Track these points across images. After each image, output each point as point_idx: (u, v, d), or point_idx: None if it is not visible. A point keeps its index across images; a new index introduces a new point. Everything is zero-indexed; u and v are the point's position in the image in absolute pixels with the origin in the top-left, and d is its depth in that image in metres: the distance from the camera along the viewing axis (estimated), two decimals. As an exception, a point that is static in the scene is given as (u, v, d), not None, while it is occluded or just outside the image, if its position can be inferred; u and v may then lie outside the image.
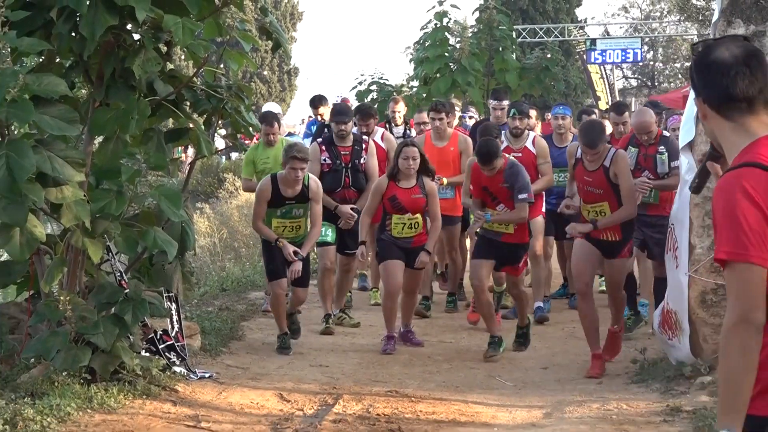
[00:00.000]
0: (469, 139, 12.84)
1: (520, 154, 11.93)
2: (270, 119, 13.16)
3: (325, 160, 11.14)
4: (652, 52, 32.68)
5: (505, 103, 13.55)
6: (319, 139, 12.12)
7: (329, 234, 11.33)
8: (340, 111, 11.89)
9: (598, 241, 9.26)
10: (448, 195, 12.28)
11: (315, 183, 9.78)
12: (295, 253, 9.67)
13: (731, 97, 3.01)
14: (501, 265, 10.06)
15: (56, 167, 7.95)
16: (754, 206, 3.04)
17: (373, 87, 23.01)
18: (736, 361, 3.01)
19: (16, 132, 8.35)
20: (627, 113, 12.35)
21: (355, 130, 12.79)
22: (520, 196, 9.51)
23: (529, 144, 12.31)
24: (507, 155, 10.01)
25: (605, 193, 9.25)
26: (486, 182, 9.75)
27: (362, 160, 11.90)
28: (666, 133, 11.33)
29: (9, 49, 8.01)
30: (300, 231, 9.88)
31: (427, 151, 11.41)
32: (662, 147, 10.26)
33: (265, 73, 43.05)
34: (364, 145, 12.07)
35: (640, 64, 31.67)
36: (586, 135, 9.20)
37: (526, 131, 12.50)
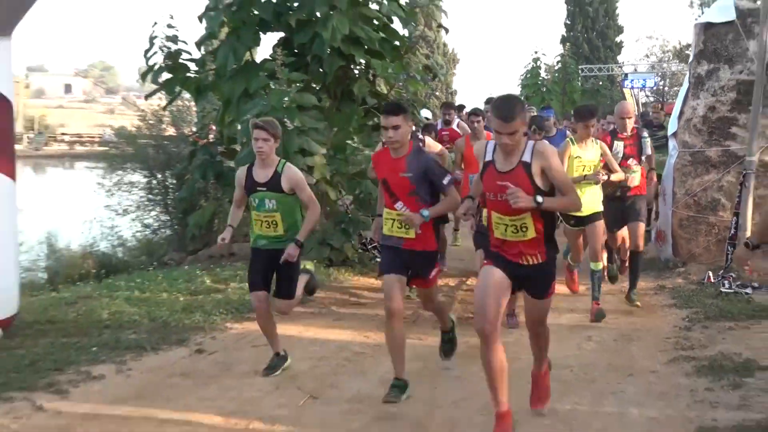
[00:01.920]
0: None
1: None
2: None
3: None
4: (663, 81, 43.46)
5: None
6: None
7: None
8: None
9: (516, 266, 5.71)
10: None
11: (290, 169, 7.08)
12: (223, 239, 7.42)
13: None
14: (410, 277, 6.88)
15: (310, 145, 11.71)
16: None
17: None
18: None
19: (289, 126, 11.25)
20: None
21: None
22: (445, 182, 6.54)
23: None
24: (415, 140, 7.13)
25: None
26: (385, 173, 6.74)
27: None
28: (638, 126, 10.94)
29: (285, 79, 11.85)
30: (278, 229, 7.08)
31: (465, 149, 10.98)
32: (645, 134, 10.04)
33: (438, 93, 53.73)
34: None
35: (654, 88, 43.81)
36: (499, 108, 5.59)
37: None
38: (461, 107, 18.90)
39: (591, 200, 8.94)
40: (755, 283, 10.59)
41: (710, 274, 11.18)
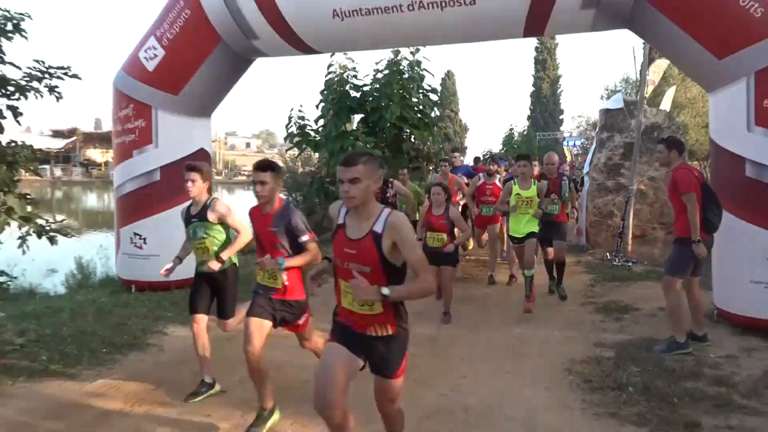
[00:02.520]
0: (460, 180, 10.43)
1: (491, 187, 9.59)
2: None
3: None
4: (587, 141, 41.77)
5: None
6: None
7: None
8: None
9: (364, 337, 3.27)
10: None
11: (218, 203, 4.94)
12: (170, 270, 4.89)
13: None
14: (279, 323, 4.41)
15: None
16: None
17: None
18: None
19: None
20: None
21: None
22: (304, 238, 4.26)
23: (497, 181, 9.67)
24: (282, 197, 4.53)
25: (374, 272, 3.15)
26: (256, 226, 4.47)
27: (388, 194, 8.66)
28: (561, 170, 8.94)
29: (364, 141, 12.04)
30: (208, 253, 4.88)
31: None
32: (564, 177, 8.00)
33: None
34: (390, 184, 8.67)
35: (581, 146, 40.26)
36: (345, 157, 3.23)
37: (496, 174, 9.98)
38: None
39: (528, 224, 7.66)
40: (633, 259, 10.60)
41: (607, 254, 11.12)
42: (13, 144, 5.72)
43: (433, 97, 13.77)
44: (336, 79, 12.76)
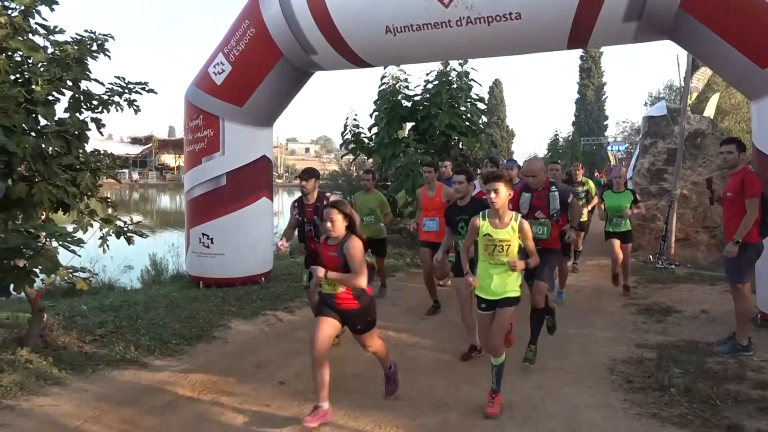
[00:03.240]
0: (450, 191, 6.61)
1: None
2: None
3: (295, 215, 6.02)
4: (631, 146, 40.43)
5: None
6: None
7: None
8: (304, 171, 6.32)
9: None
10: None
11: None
12: None
13: None
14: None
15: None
16: None
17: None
18: None
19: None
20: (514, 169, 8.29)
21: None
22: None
23: None
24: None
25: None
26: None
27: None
28: (551, 181, 5.83)
29: (414, 147, 11.84)
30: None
31: (423, 198, 7.13)
32: (554, 188, 5.51)
33: (502, 154, 53.34)
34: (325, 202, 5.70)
35: (625, 151, 39.65)
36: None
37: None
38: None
39: (503, 281, 4.43)
40: (676, 262, 10.25)
41: (650, 256, 10.78)
42: (96, 153, 5.92)
43: (481, 105, 13.67)
44: (389, 89, 12.83)
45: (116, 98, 5.80)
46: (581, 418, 4.29)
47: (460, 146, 13.17)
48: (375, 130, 13.12)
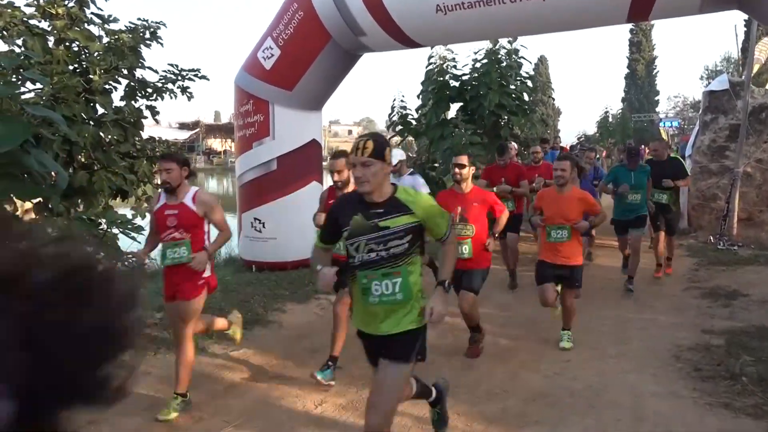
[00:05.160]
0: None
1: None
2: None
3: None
4: (684, 122, 38.41)
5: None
6: None
7: None
8: None
9: None
10: None
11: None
12: None
13: None
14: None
15: (476, 164, 12.36)
16: None
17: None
18: None
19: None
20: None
21: None
22: None
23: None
24: None
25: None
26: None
27: None
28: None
29: (463, 128, 11.78)
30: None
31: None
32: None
33: (549, 132, 51.81)
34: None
35: (678, 128, 37.00)
36: None
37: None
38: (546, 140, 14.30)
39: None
40: (739, 243, 9.83)
41: (711, 237, 10.33)
42: (151, 140, 6.02)
43: (530, 83, 13.31)
44: (436, 69, 12.59)
45: (170, 85, 5.86)
46: (647, 407, 4.15)
47: (510, 126, 12.89)
48: (422, 111, 12.93)
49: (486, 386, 4.55)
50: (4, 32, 5.01)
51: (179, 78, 5.84)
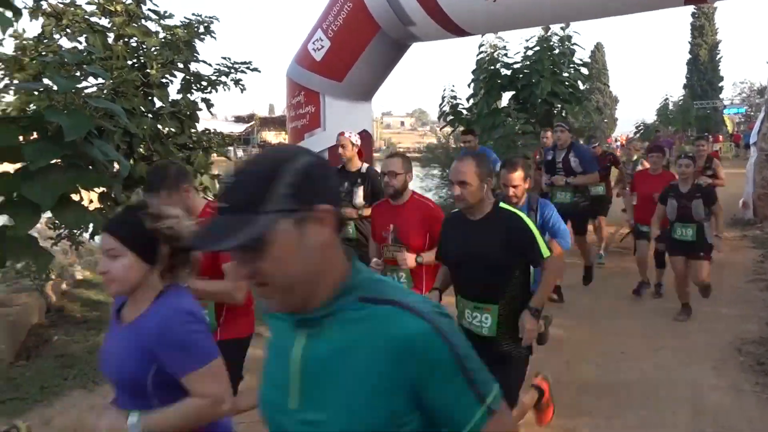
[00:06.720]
0: None
1: None
2: None
3: None
4: (751, 109, 36.49)
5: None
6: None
7: None
8: None
9: None
10: None
11: None
12: None
13: None
14: None
15: (526, 153, 12.18)
16: None
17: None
18: None
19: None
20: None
21: None
22: None
23: None
24: None
25: None
26: None
27: None
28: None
29: (515, 117, 11.96)
30: None
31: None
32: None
33: (606, 121, 49.94)
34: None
35: (744, 114, 35.00)
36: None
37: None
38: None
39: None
40: (808, 233, 9.39)
41: (778, 228, 9.92)
42: (207, 132, 6.17)
43: (584, 70, 12.93)
44: (487, 58, 12.40)
45: (223, 78, 5.98)
46: (707, 400, 4.02)
47: (563, 114, 12.59)
48: (473, 100, 12.78)
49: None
50: (68, 30, 5.23)
51: (232, 71, 5.96)
